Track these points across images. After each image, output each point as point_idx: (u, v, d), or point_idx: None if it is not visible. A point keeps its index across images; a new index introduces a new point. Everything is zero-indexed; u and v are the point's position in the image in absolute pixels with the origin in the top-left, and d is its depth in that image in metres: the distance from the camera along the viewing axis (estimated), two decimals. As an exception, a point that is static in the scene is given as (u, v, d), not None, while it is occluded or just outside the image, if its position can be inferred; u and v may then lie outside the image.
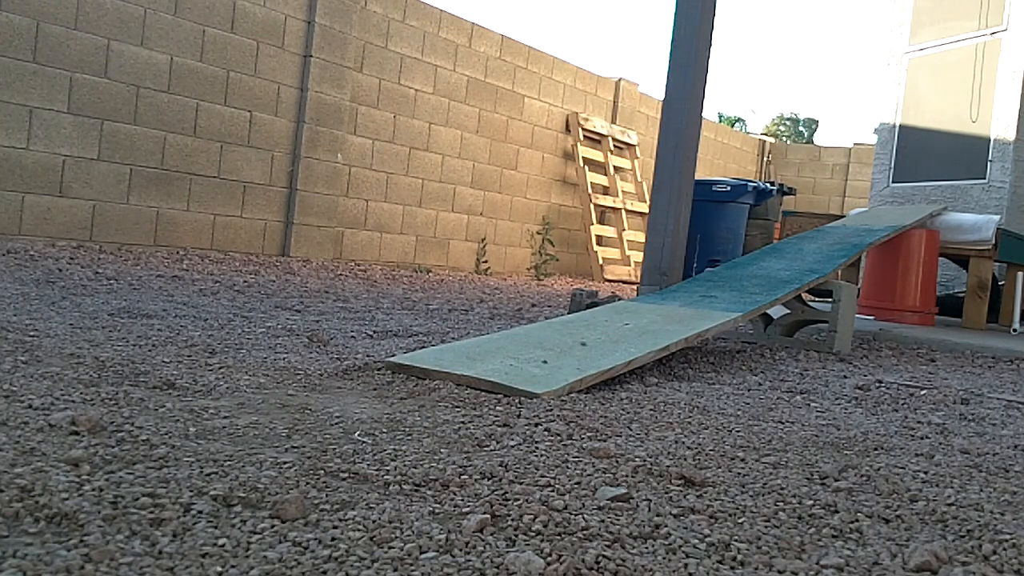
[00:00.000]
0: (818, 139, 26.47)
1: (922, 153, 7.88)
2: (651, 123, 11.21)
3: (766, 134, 22.40)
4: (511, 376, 2.42)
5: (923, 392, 3.03)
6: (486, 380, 2.37)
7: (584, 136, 9.95)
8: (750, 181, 7.50)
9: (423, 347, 3.03)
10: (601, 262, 9.54)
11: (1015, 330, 5.34)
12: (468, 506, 1.36)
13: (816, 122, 27.19)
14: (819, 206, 13.58)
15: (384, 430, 1.83)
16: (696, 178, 4.70)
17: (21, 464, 1.32)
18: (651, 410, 2.31)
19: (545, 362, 2.63)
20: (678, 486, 1.58)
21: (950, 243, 5.43)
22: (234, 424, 1.75)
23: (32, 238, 5.54)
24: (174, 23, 6.18)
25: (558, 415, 2.08)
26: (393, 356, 2.74)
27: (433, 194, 8.41)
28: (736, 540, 1.29)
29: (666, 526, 1.34)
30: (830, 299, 4.06)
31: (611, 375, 2.64)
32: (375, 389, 2.31)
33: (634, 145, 10.73)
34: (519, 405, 2.17)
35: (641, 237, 9.46)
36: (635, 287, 6.88)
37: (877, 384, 3.15)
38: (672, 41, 4.58)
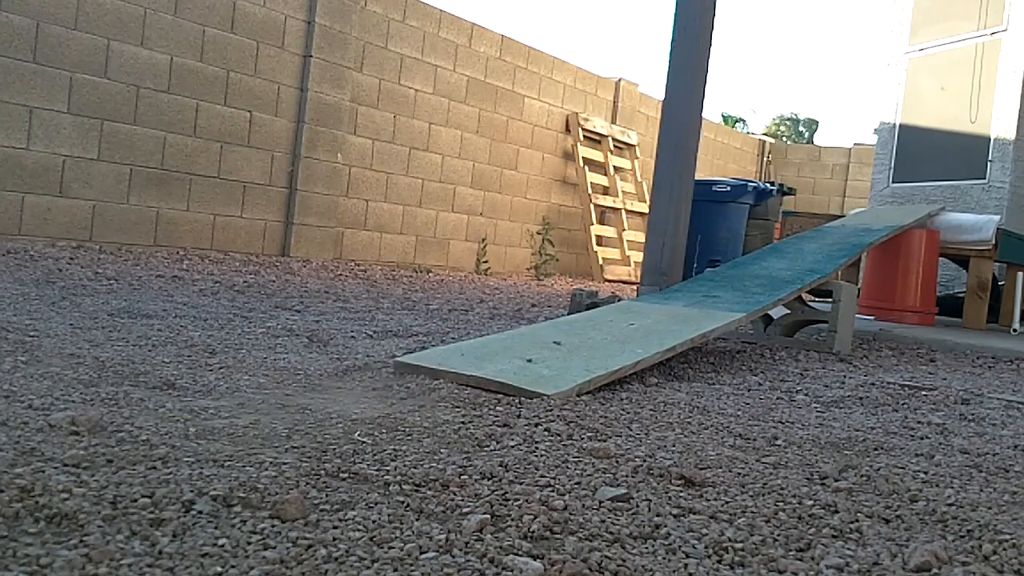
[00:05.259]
0: (818, 139, 26.45)
1: (922, 153, 7.88)
2: (651, 123, 11.20)
3: (766, 134, 22.39)
4: (520, 377, 2.42)
5: (923, 392, 3.03)
6: (495, 381, 2.36)
7: (584, 136, 9.95)
8: (750, 181, 7.49)
9: (423, 347, 3.03)
10: (601, 262, 9.54)
11: (1015, 330, 5.34)
12: (468, 506, 1.36)
13: (816, 122, 27.17)
14: (819, 206, 13.57)
15: (384, 430, 1.83)
16: (696, 178, 4.70)
17: (21, 464, 1.32)
18: (651, 410, 2.31)
19: (553, 362, 2.63)
20: (678, 486, 1.58)
21: (950, 243, 5.43)
22: (234, 424, 1.75)
23: (32, 238, 5.54)
24: (174, 23, 6.18)
25: (558, 415, 2.08)
26: (399, 356, 2.74)
27: (433, 194, 8.40)
28: (736, 540, 1.29)
29: (666, 526, 1.34)
30: (830, 299, 4.06)
31: (619, 376, 2.64)
32: (375, 389, 2.31)
33: (634, 145, 10.73)
34: (519, 405, 2.17)
35: (641, 237, 9.46)
36: (635, 287, 6.88)
37: (877, 384, 3.15)
38: (672, 41, 4.58)
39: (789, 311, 4.15)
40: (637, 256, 9.80)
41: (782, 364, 3.56)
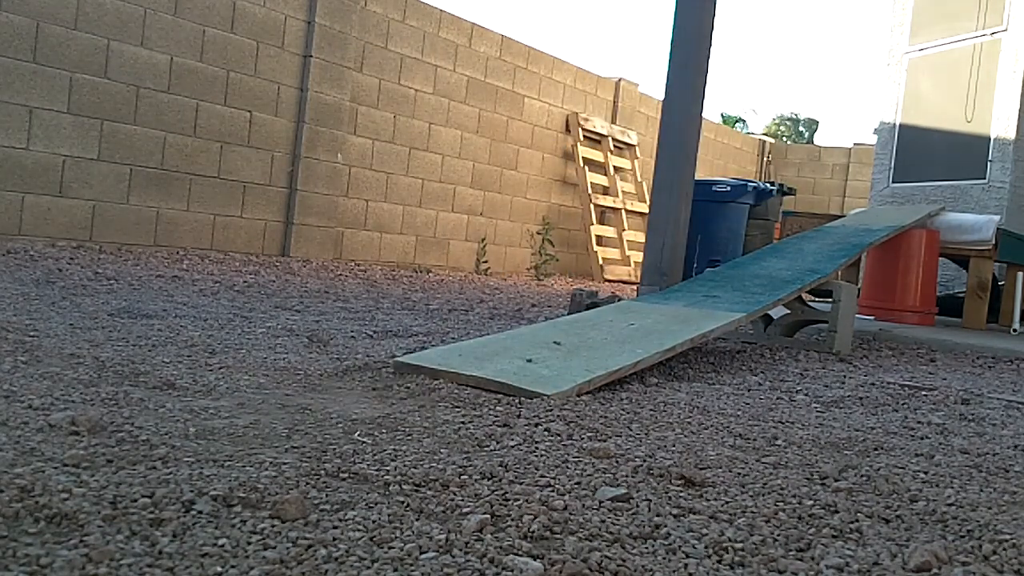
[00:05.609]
0: (818, 139, 26.45)
1: (922, 153, 7.88)
2: (651, 123, 11.20)
3: (766, 134, 22.39)
4: (519, 377, 2.42)
5: (923, 392, 3.03)
6: (495, 381, 2.36)
7: (584, 136, 9.94)
8: (750, 181, 7.49)
9: (423, 347, 3.02)
10: (601, 262, 9.54)
11: (1015, 330, 5.34)
12: (468, 506, 1.36)
13: (816, 122, 27.17)
14: (819, 206, 13.57)
15: (384, 430, 1.83)
16: (696, 178, 4.70)
17: (21, 464, 1.32)
18: (651, 410, 2.31)
19: (553, 362, 2.63)
20: (678, 486, 1.58)
21: (950, 243, 5.43)
22: (234, 424, 1.75)
23: (32, 238, 5.54)
24: (174, 23, 6.18)
25: (558, 415, 2.08)
26: (399, 356, 2.74)
27: (433, 194, 8.41)
28: (736, 540, 1.29)
29: (666, 526, 1.34)
30: (830, 299, 4.06)
31: (618, 376, 2.64)
32: (375, 389, 2.31)
33: (634, 145, 10.73)
34: (519, 405, 2.17)
35: (641, 237, 9.46)
36: (635, 287, 6.88)
37: (877, 384, 3.15)
38: (672, 41, 4.58)
39: (789, 311, 4.15)
40: (637, 256, 9.80)
41: (782, 364, 3.56)
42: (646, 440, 1.92)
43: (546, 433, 1.90)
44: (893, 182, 8.09)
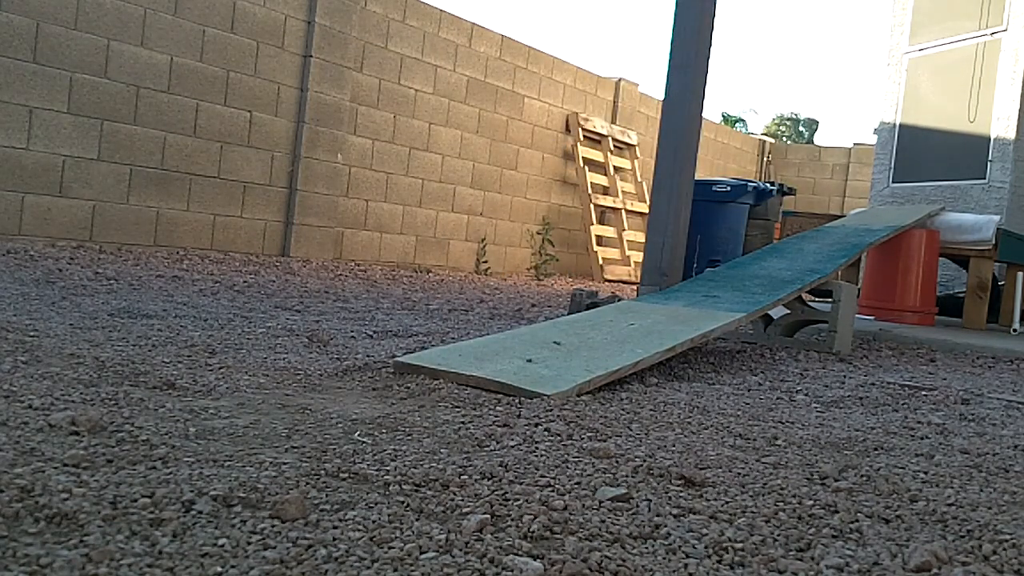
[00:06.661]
0: (818, 139, 26.46)
1: (922, 153, 7.88)
2: (651, 123, 11.21)
3: (766, 134, 22.38)
4: (519, 377, 2.42)
5: (923, 392, 3.03)
6: (495, 381, 2.36)
7: (584, 136, 9.95)
8: (750, 181, 7.49)
9: (423, 347, 3.02)
10: (601, 262, 9.54)
11: (1015, 330, 5.34)
12: (468, 506, 1.36)
13: (816, 122, 27.18)
14: (819, 206, 13.57)
15: (384, 430, 1.83)
16: (696, 178, 4.70)
17: (21, 464, 1.32)
18: (651, 410, 2.31)
19: (553, 362, 2.63)
20: (678, 486, 1.58)
21: (950, 243, 5.43)
22: (234, 424, 1.75)
23: (32, 238, 5.54)
24: (174, 23, 6.18)
25: (558, 415, 2.08)
26: (399, 356, 2.74)
27: (433, 194, 8.41)
28: (736, 540, 1.29)
29: (666, 526, 1.34)
30: (830, 299, 4.06)
31: (618, 376, 2.64)
32: (375, 389, 2.31)
33: (634, 145, 10.73)
34: (519, 405, 2.17)
35: (641, 237, 9.46)
36: (635, 287, 6.88)
37: (877, 384, 3.15)
38: (672, 41, 4.58)
39: (789, 311, 4.15)
40: (637, 256, 9.80)
41: (782, 364, 3.56)
42: (646, 440, 1.92)
43: (546, 433, 1.90)
44: (893, 182, 8.09)
